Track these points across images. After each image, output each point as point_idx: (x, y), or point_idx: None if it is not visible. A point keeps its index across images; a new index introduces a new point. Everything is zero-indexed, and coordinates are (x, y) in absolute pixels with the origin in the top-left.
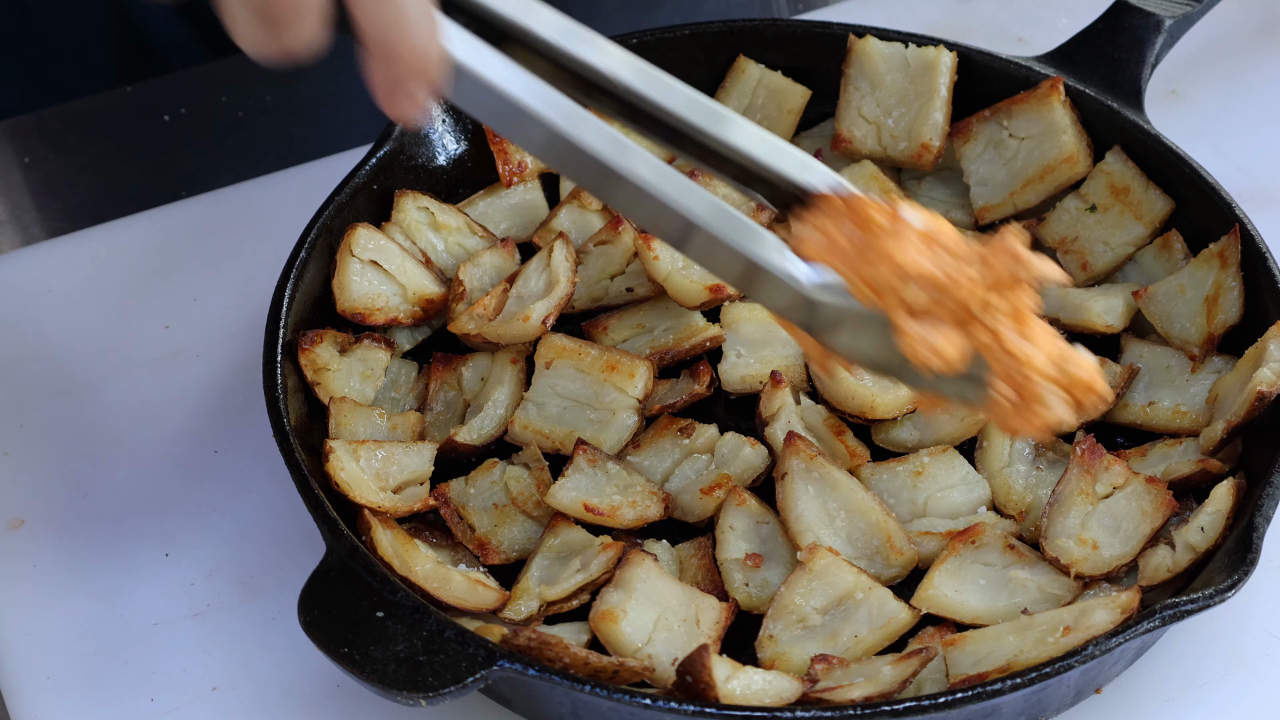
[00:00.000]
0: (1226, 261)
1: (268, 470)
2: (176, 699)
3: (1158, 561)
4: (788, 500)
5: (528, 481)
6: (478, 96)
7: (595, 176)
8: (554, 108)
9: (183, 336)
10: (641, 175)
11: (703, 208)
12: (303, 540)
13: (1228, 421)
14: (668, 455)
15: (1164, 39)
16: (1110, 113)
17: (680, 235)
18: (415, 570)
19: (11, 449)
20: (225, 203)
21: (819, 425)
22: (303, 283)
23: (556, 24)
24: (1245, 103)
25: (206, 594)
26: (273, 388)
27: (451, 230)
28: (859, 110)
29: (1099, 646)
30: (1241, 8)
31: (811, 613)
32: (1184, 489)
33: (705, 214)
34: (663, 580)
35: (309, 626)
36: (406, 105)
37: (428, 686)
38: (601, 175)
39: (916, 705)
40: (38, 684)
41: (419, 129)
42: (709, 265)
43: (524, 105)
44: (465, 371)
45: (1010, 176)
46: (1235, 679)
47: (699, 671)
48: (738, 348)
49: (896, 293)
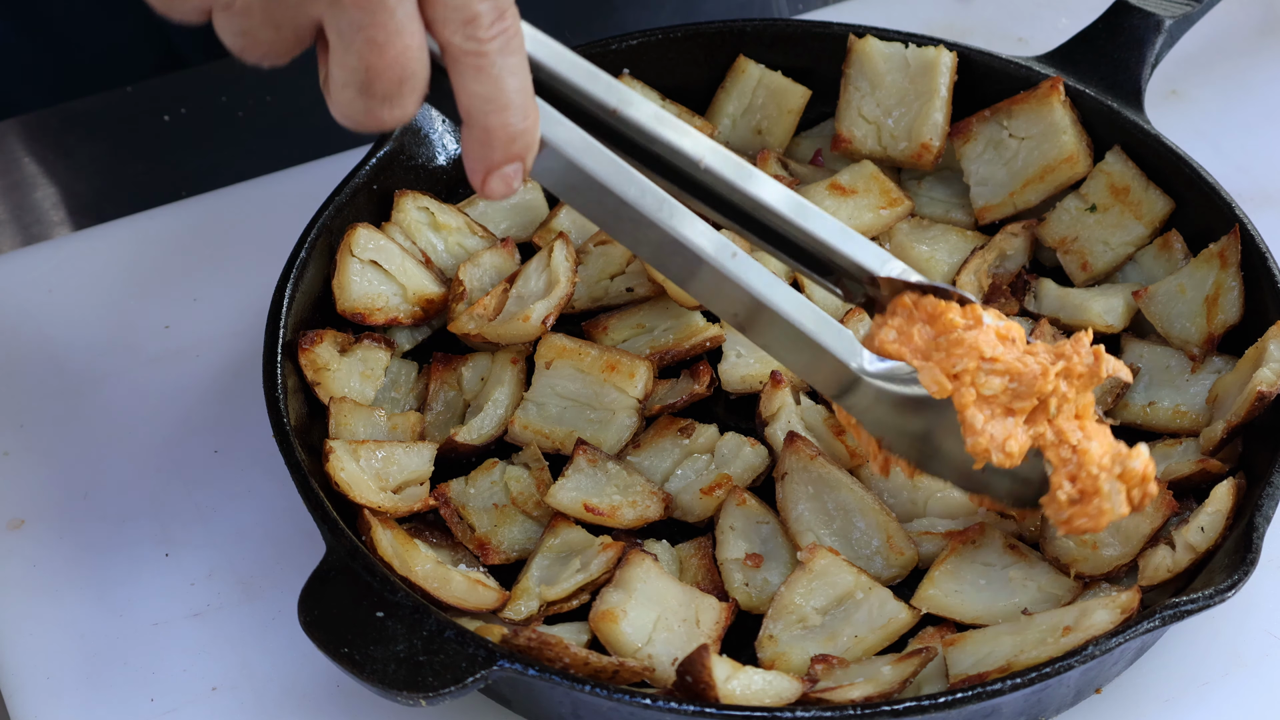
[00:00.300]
0: (1226, 261)
1: (268, 470)
2: (176, 699)
3: (1158, 561)
4: (788, 500)
5: (528, 481)
6: (558, 172)
7: (667, 254)
8: (641, 191)
9: (183, 336)
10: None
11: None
12: (303, 540)
13: (1228, 421)
14: (668, 455)
15: (1164, 39)
16: (1110, 113)
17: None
18: (415, 570)
19: (11, 449)
20: (225, 203)
21: (818, 425)
22: (303, 283)
23: (650, 111)
24: (1245, 103)
25: (206, 594)
26: (273, 388)
27: (451, 230)
28: (859, 110)
29: (1099, 646)
30: (1241, 8)
31: (811, 613)
32: (1184, 489)
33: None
34: (663, 580)
35: (309, 626)
36: (499, 186)
37: (428, 686)
38: (673, 251)
39: (916, 705)
40: (38, 684)
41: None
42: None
43: (606, 184)
44: (465, 371)
45: (1010, 176)
46: (1235, 679)
47: (699, 671)
48: (738, 348)
49: (972, 379)
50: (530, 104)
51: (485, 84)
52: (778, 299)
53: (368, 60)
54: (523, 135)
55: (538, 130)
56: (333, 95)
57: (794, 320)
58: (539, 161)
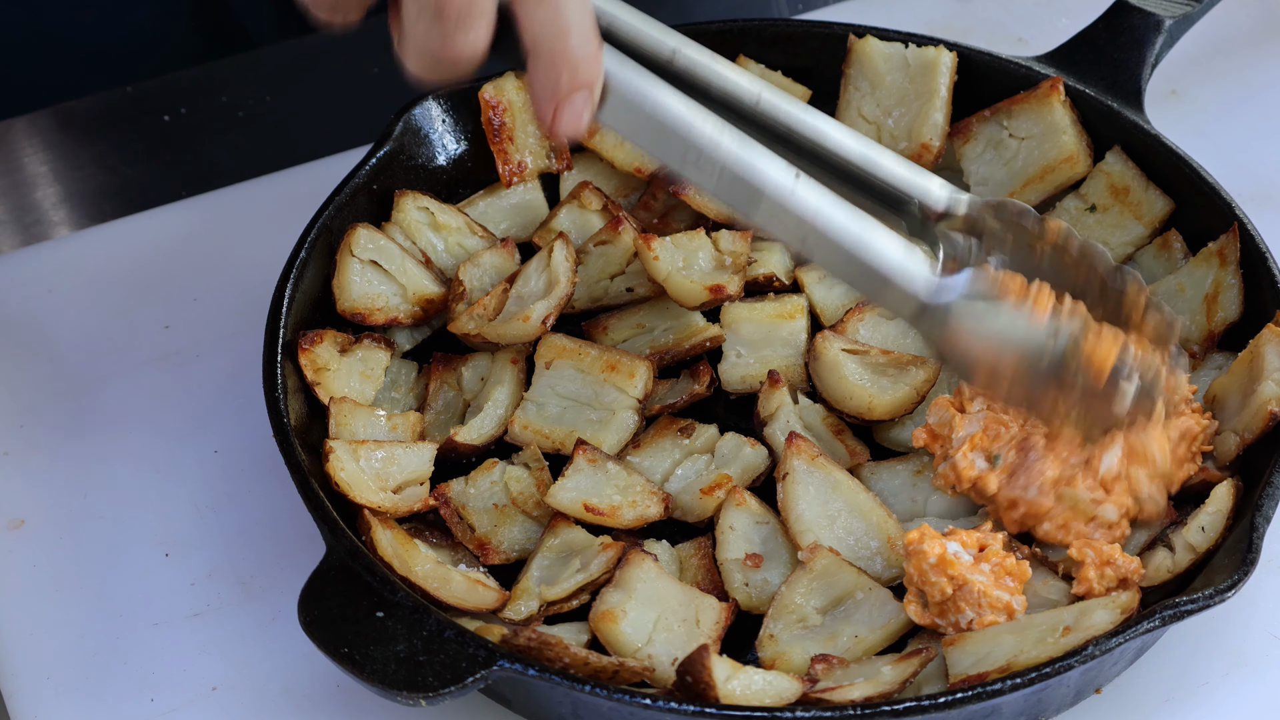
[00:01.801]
0: (1226, 260)
1: (268, 470)
2: (176, 699)
3: (1158, 562)
4: (789, 500)
5: (528, 481)
6: (627, 114)
7: (744, 194)
8: (707, 123)
9: (183, 336)
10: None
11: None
12: (303, 540)
13: (1242, 438)
14: (668, 455)
15: (1164, 39)
16: (1110, 113)
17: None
18: (415, 570)
19: (11, 449)
20: (225, 203)
21: (818, 424)
22: (303, 283)
23: (707, 54)
24: (1245, 103)
25: (206, 594)
26: (273, 388)
27: (451, 230)
28: (859, 110)
29: (1099, 646)
30: (1241, 8)
31: (812, 613)
32: (1183, 495)
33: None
34: (663, 580)
35: (309, 626)
36: (569, 119)
37: (428, 686)
38: (737, 178)
39: (916, 705)
40: (38, 684)
41: (577, 139)
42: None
43: (670, 120)
44: (465, 371)
45: (1010, 176)
46: (1235, 679)
47: (699, 671)
48: (738, 348)
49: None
50: (593, 31)
51: (546, 9)
52: (840, 222)
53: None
54: (587, 61)
55: (601, 58)
56: (407, 34)
57: (854, 244)
58: (605, 106)
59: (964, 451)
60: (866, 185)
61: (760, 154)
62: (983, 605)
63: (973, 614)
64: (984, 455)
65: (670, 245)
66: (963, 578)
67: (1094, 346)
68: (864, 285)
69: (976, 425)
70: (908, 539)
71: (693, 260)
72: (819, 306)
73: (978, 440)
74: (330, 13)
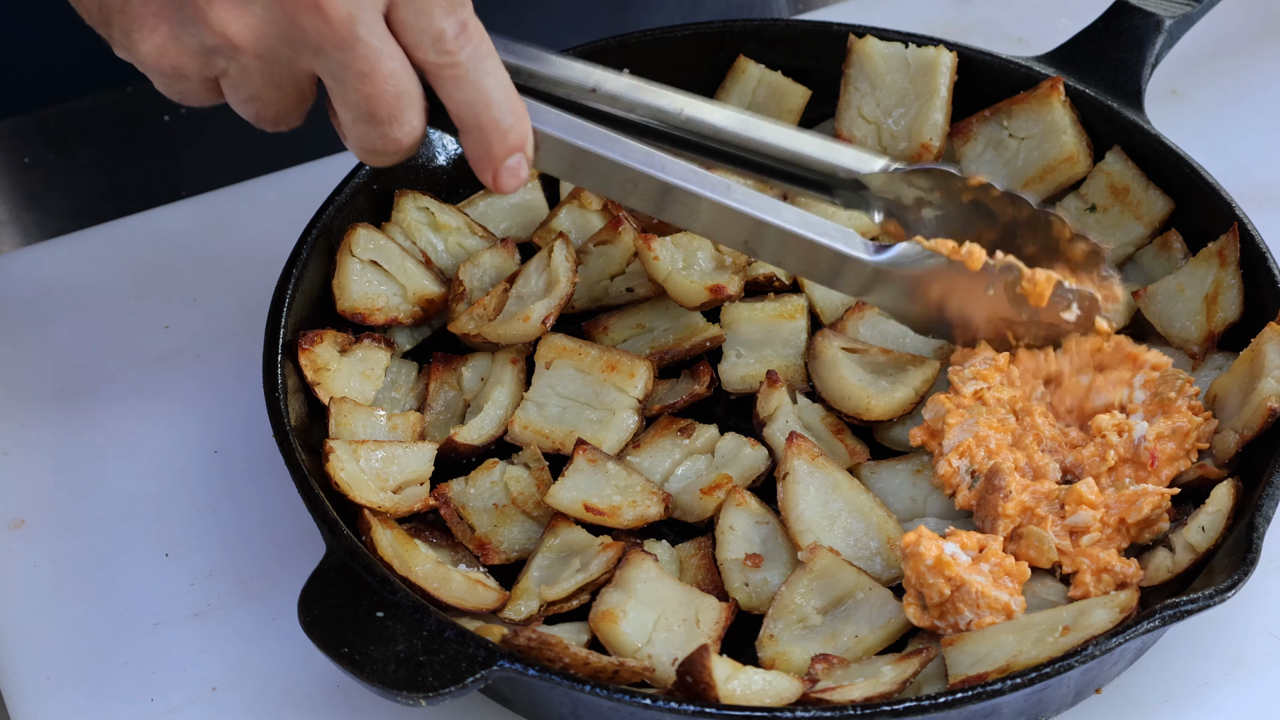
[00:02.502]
0: (1225, 259)
1: (268, 470)
2: (176, 699)
3: (1158, 562)
4: (789, 500)
5: (528, 481)
6: (559, 160)
7: (683, 208)
8: (635, 152)
9: (183, 336)
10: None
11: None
12: (303, 540)
13: (1241, 435)
14: (668, 455)
15: (1164, 39)
16: (1110, 113)
17: (757, 239)
18: (415, 570)
19: (11, 449)
20: (225, 203)
21: (817, 424)
22: (303, 283)
23: (625, 82)
24: (1245, 103)
25: (206, 594)
26: (273, 388)
27: (451, 230)
28: (859, 110)
29: (1099, 646)
30: (1241, 8)
31: (812, 613)
32: (1183, 493)
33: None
34: (663, 580)
35: (309, 626)
36: (509, 180)
37: (428, 686)
38: (675, 198)
39: (916, 705)
40: (38, 684)
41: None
42: (786, 262)
43: (600, 154)
44: (465, 371)
45: (1010, 176)
46: (1235, 679)
47: (699, 671)
48: (738, 348)
49: None
50: (514, 99)
51: (466, 89)
52: (781, 217)
53: (362, 91)
54: (514, 128)
55: (528, 121)
56: (347, 134)
57: (799, 232)
58: (538, 156)
59: (949, 459)
60: (798, 174)
61: (689, 169)
62: (981, 606)
63: (971, 615)
64: (968, 468)
65: (670, 245)
66: (960, 579)
67: (1030, 283)
68: (814, 268)
69: (967, 434)
70: (905, 541)
71: (693, 260)
72: (819, 306)
73: (966, 449)
74: (273, 125)
